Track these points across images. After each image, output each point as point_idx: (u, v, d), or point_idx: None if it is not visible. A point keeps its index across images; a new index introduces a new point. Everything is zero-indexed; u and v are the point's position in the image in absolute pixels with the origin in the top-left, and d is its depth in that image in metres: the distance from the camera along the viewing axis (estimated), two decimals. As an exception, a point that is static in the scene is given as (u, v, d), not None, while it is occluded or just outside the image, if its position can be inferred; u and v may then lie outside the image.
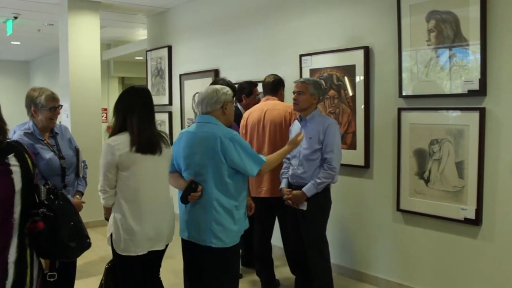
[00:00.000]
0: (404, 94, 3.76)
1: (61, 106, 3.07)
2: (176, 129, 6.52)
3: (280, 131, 3.88)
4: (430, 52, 3.57)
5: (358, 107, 4.12)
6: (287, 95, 4.48)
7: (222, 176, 2.80)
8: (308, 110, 3.48)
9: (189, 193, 2.80)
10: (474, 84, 3.32)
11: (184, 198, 2.83)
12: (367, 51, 4.03)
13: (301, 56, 4.60)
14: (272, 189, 3.83)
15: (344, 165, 4.04)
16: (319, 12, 4.48)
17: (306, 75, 4.51)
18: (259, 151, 3.73)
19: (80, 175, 3.18)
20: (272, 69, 4.45)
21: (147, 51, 7.17)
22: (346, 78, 4.20)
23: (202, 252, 2.88)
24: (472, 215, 3.38)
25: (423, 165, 3.67)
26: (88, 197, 3.33)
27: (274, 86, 4.10)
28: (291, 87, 3.72)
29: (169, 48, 6.64)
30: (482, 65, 3.27)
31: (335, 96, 4.30)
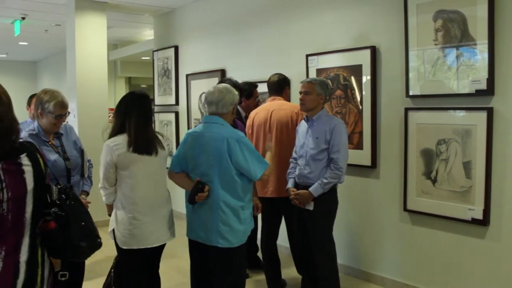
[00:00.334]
0: (411, 94, 3.76)
1: (69, 113, 3.05)
2: (182, 129, 6.54)
3: (286, 131, 3.88)
4: (437, 51, 3.56)
5: (365, 107, 4.12)
6: (294, 95, 4.48)
7: (229, 176, 2.80)
8: (314, 110, 3.48)
9: (196, 193, 2.81)
10: (481, 84, 3.31)
11: (191, 199, 2.84)
12: (373, 50, 4.03)
13: (307, 56, 4.59)
14: (279, 189, 3.83)
15: (351, 165, 4.03)
16: (326, 12, 4.48)
17: (312, 75, 4.51)
18: (266, 152, 3.73)
19: (85, 175, 3.18)
20: (278, 69, 4.44)
21: (153, 51, 7.19)
22: (353, 78, 4.19)
23: (208, 252, 2.90)
24: (479, 216, 3.37)
25: (430, 165, 3.66)
26: (95, 196, 3.34)
27: (279, 86, 4.09)
28: (297, 87, 3.72)
29: (176, 48, 6.66)
30: (489, 64, 3.26)
31: (342, 96, 4.29)
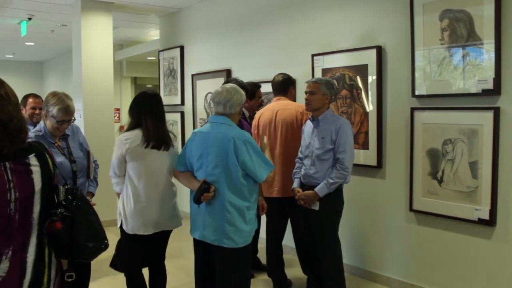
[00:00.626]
0: (417, 93, 3.74)
1: (74, 119, 2.99)
2: (188, 129, 6.54)
3: (291, 131, 3.87)
4: (443, 51, 3.54)
5: (370, 106, 4.11)
6: (300, 95, 4.48)
7: (235, 176, 2.80)
8: (320, 110, 3.48)
9: (201, 193, 2.81)
10: (488, 83, 3.29)
11: (196, 199, 2.84)
12: (379, 50, 4.01)
13: (313, 56, 4.59)
14: (284, 189, 3.83)
15: (357, 165, 4.02)
16: (331, 11, 4.47)
17: (318, 75, 4.50)
18: (272, 152, 3.73)
19: (91, 177, 3.16)
20: (284, 69, 4.44)
21: (159, 51, 7.20)
22: (359, 78, 4.18)
23: (213, 252, 2.90)
24: (486, 216, 3.36)
25: (436, 165, 3.65)
26: (100, 197, 3.35)
27: (283, 86, 4.08)
28: (303, 87, 3.72)
29: (181, 48, 6.67)
30: (496, 64, 3.24)
31: (348, 96, 4.28)
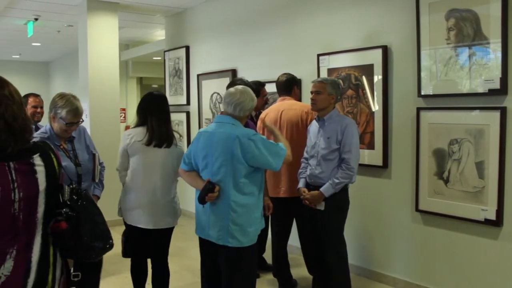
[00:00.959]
0: (423, 93, 3.73)
1: (82, 120, 2.95)
2: (193, 129, 6.55)
3: (297, 131, 3.87)
4: (450, 50, 3.53)
5: (376, 106, 4.10)
6: (305, 95, 4.47)
7: (239, 176, 2.80)
8: (326, 110, 3.47)
9: (206, 193, 2.80)
10: (494, 83, 3.28)
11: (201, 199, 2.84)
12: (385, 50, 4.00)
13: (318, 55, 4.58)
14: (291, 189, 3.83)
15: (362, 165, 4.01)
16: (337, 11, 4.46)
17: (323, 74, 4.49)
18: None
19: (96, 180, 3.12)
20: (289, 69, 4.43)
21: (165, 51, 7.21)
22: (364, 78, 4.17)
23: (219, 251, 2.90)
24: (492, 216, 3.34)
25: (442, 165, 3.63)
26: (105, 197, 3.36)
27: (287, 85, 4.08)
28: (308, 87, 3.71)
29: (187, 49, 6.68)
30: (503, 63, 3.22)
31: (353, 96, 4.27)
